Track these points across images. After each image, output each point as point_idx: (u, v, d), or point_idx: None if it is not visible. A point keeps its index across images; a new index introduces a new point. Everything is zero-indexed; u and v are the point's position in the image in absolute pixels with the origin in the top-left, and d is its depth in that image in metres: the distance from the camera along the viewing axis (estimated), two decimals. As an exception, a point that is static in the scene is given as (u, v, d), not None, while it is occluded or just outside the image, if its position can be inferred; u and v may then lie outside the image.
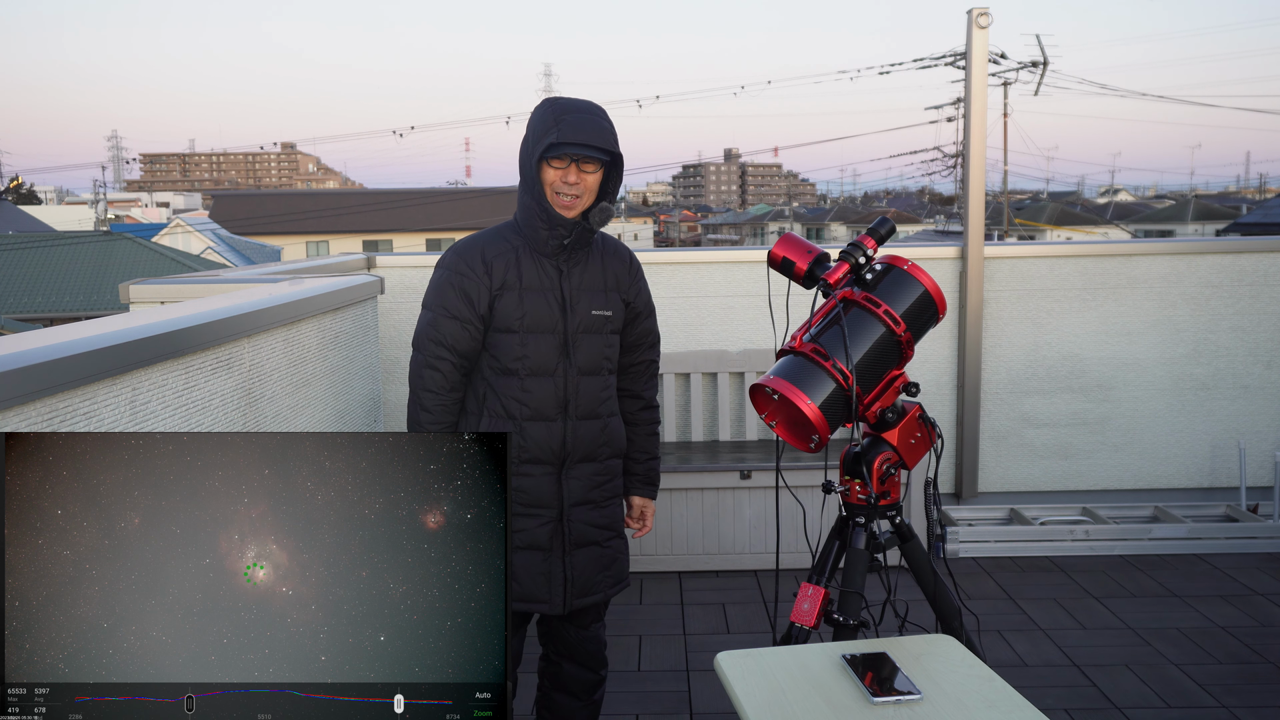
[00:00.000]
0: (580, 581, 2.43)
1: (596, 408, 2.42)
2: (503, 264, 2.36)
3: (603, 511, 2.47)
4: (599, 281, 2.42)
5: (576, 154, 2.27)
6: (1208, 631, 3.55)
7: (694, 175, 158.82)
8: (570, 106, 2.30)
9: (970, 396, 4.70)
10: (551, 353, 2.36)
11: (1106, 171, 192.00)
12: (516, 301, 2.34)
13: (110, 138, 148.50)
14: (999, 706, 1.63)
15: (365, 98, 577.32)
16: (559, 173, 2.29)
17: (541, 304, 2.35)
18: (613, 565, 2.50)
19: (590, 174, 2.31)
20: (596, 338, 2.40)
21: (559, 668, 2.56)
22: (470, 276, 2.35)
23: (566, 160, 2.28)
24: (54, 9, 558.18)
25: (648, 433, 2.60)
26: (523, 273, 2.36)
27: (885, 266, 2.29)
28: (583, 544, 2.43)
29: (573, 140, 2.25)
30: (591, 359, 2.40)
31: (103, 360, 1.81)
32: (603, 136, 2.29)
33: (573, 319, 2.37)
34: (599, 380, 2.42)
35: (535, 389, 2.35)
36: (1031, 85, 72.63)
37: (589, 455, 2.42)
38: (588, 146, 2.27)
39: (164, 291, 3.42)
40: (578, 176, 2.30)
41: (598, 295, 2.41)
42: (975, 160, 4.69)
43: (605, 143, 2.29)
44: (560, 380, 2.37)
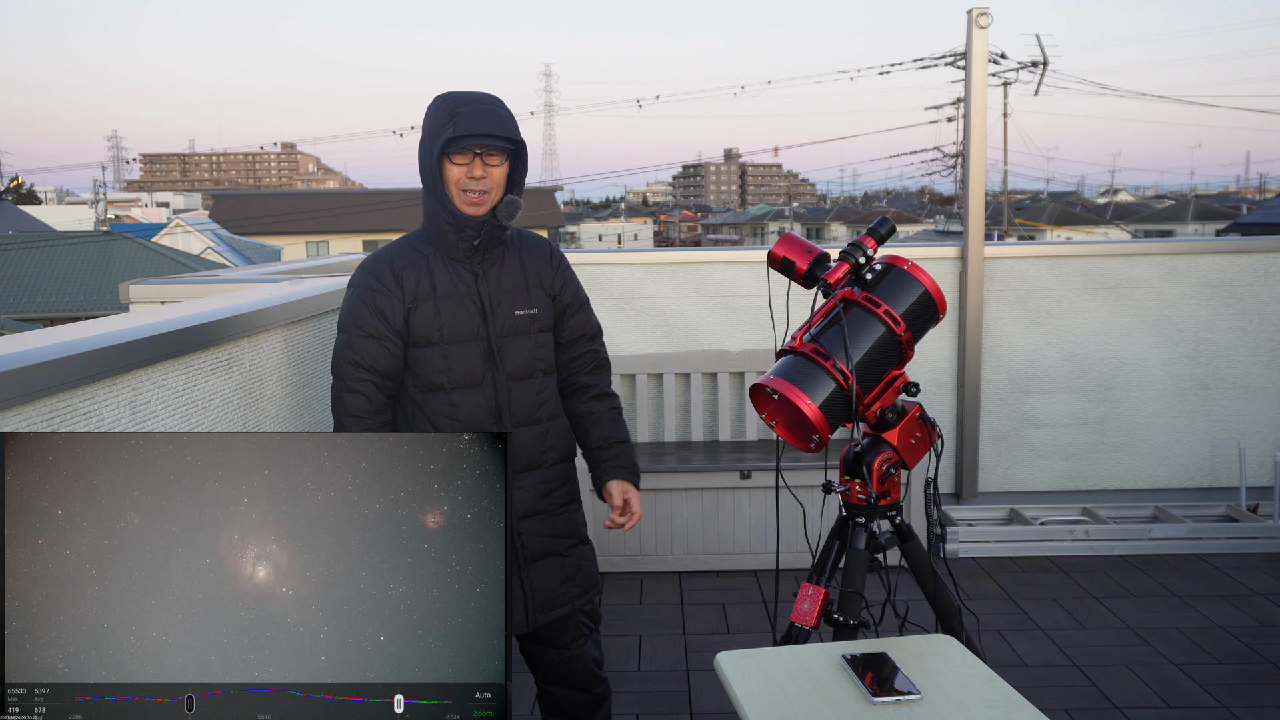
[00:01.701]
0: (542, 596, 2.31)
1: (534, 412, 2.30)
2: (413, 274, 2.23)
3: (557, 520, 2.36)
4: (518, 280, 2.30)
5: (479, 145, 2.15)
6: (1208, 631, 3.55)
7: (694, 175, 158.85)
8: (464, 99, 2.18)
9: (970, 396, 4.70)
10: (477, 361, 2.24)
11: (1106, 171, 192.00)
12: (433, 312, 2.22)
13: (110, 138, 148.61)
14: (999, 706, 1.63)
15: (365, 98, 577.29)
16: (463, 169, 2.17)
17: (460, 311, 2.23)
18: (577, 574, 2.39)
19: (496, 166, 2.19)
20: (524, 339, 2.29)
21: (548, 694, 2.47)
22: (381, 291, 2.22)
23: (469, 154, 2.16)
24: (55, 9, 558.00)
25: (609, 419, 2.44)
26: (436, 281, 2.24)
27: (885, 266, 2.29)
28: (540, 556, 2.32)
29: (472, 132, 2.13)
30: (521, 363, 2.28)
31: (103, 360, 1.81)
32: (503, 124, 2.16)
33: (495, 323, 2.25)
34: (533, 384, 2.30)
35: (464, 401, 2.24)
36: (1031, 85, 72.66)
37: (533, 463, 2.31)
38: (489, 136, 2.14)
39: (164, 291, 3.42)
40: (483, 170, 2.17)
41: (519, 295, 2.29)
42: (975, 160, 4.69)
43: (506, 130, 2.16)
44: (490, 389, 2.25)
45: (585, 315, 2.44)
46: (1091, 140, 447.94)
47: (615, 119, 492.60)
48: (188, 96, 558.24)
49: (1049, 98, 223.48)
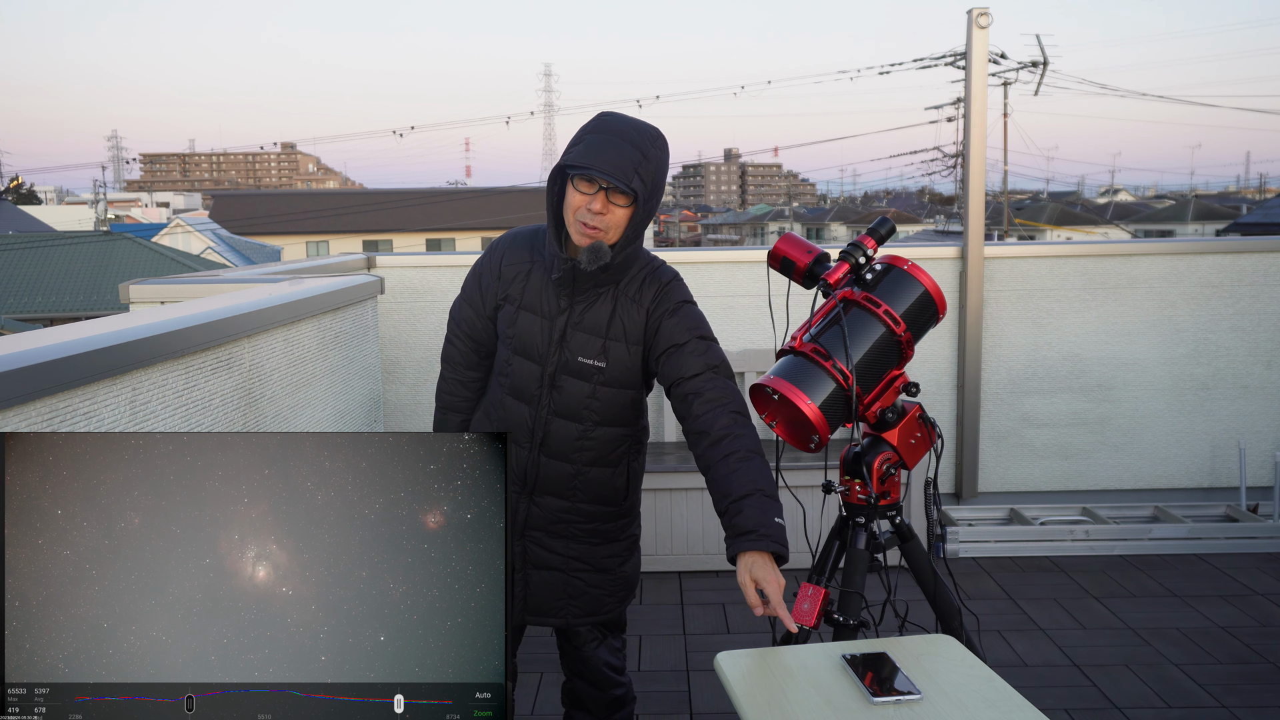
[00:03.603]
0: (534, 601, 2.30)
1: (569, 454, 2.20)
2: (513, 273, 2.21)
3: (570, 543, 2.27)
4: (601, 326, 2.14)
5: (604, 181, 1.98)
6: (1208, 631, 3.55)
7: (694, 175, 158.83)
8: (602, 125, 2.02)
9: (970, 396, 4.70)
10: (531, 381, 2.18)
11: (1106, 171, 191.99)
12: (512, 317, 2.20)
13: (110, 138, 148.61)
14: (999, 706, 1.63)
15: (365, 98, 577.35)
16: (584, 198, 2.01)
17: (535, 329, 2.17)
18: (581, 597, 2.30)
19: (621, 207, 2.01)
20: (581, 384, 2.15)
21: (572, 684, 2.50)
22: (488, 273, 2.26)
23: (595, 185, 1.99)
24: (54, 9, 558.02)
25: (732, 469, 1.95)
26: (528, 290, 2.18)
27: (885, 266, 2.29)
28: (541, 566, 2.28)
29: (584, 164, 1.97)
30: (571, 404, 2.16)
31: (103, 360, 1.81)
32: (620, 168, 1.95)
33: (558, 356, 2.15)
34: (576, 427, 2.18)
35: (511, 409, 2.23)
36: (1031, 85, 72.62)
37: (556, 492, 2.23)
38: (602, 173, 1.95)
39: (164, 291, 3.42)
40: (604, 206, 2.00)
41: (593, 342, 2.14)
42: (975, 160, 4.69)
43: (620, 174, 1.95)
44: (534, 410, 2.19)
45: (680, 359, 2.09)
46: (1091, 140, 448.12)
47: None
48: (188, 96, 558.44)
49: (1049, 98, 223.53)
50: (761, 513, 1.89)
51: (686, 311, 2.14)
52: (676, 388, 2.08)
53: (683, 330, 2.11)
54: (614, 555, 2.34)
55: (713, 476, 1.99)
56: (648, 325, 2.13)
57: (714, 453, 1.99)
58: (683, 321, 2.12)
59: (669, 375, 2.10)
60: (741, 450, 1.97)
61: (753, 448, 1.99)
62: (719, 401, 2.03)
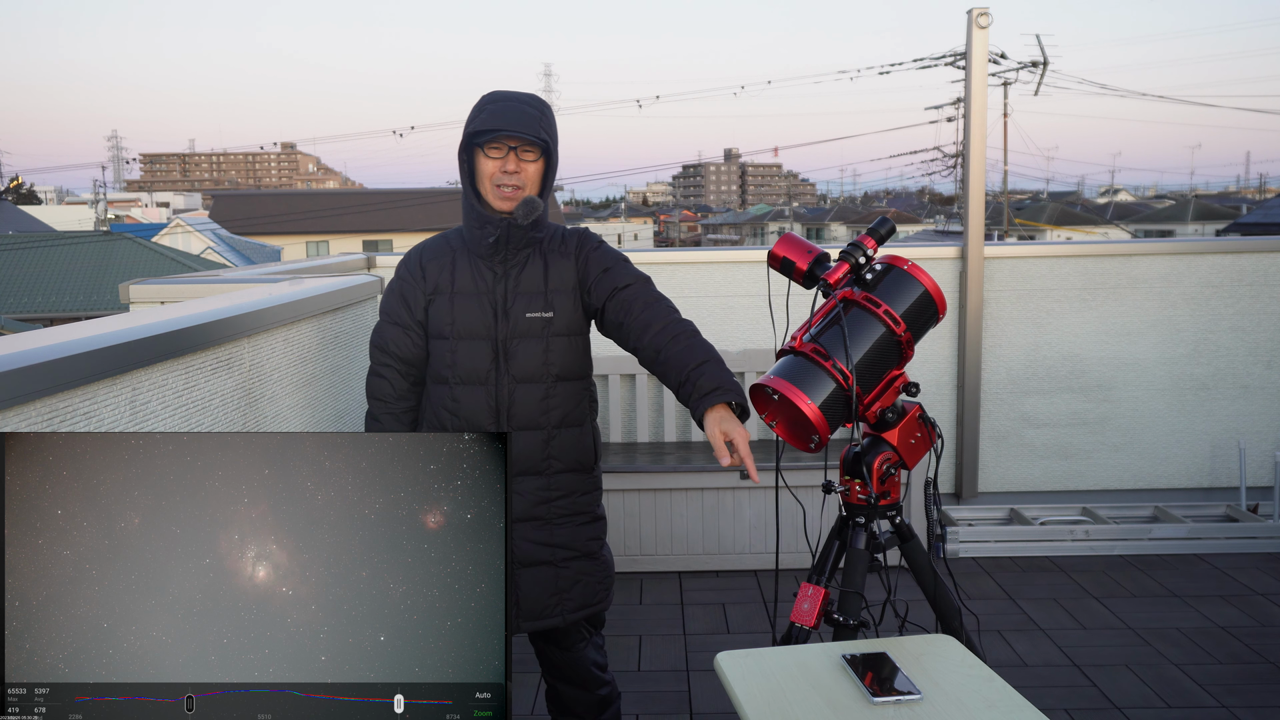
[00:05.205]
0: (527, 604, 2.30)
1: (537, 418, 2.28)
2: (437, 267, 2.31)
3: (553, 530, 2.32)
4: (538, 283, 2.28)
5: (513, 139, 2.18)
6: (1208, 631, 3.55)
7: (694, 175, 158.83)
8: (500, 95, 2.23)
9: (970, 396, 4.70)
10: (483, 360, 2.26)
11: (1106, 171, 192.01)
12: (447, 306, 2.28)
13: (110, 138, 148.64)
14: (999, 706, 1.63)
15: (365, 98, 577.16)
16: (496, 163, 2.20)
17: (474, 309, 2.26)
18: (572, 588, 2.34)
19: (530, 163, 2.21)
20: (534, 342, 2.27)
21: (555, 690, 2.49)
22: (408, 281, 2.33)
23: (503, 149, 2.19)
24: (54, 9, 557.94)
25: (680, 348, 2.14)
26: (456, 276, 2.29)
27: (885, 266, 2.29)
28: (529, 563, 2.30)
29: (496, 126, 2.16)
30: (528, 366, 2.27)
31: (103, 360, 1.81)
32: (529, 121, 2.17)
33: (506, 324, 2.26)
34: (538, 388, 2.27)
35: (465, 398, 2.27)
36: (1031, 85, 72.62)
37: (532, 469, 2.29)
38: (513, 131, 2.16)
39: (164, 291, 3.42)
40: (516, 164, 2.20)
41: (535, 298, 2.27)
42: (975, 160, 4.69)
43: (530, 127, 2.16)
44: (492, 389, 2.26)
45: (612, 277, 2.27)
46: (1091, 140, 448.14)
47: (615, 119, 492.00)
48: (188, 96, 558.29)
49: (1049, 98, 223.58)
50: (721, 373, 2.09)
51: (606, 247, 2.36)
52: (613, 297, 2.25)
53: (608, 258, 2.32)
54: (595, 538, 2.42)
55: (664, 357, 2.14)
56: (578, 265, 2.31)
57: (661, 337, 2.17)
58: (606, 253, 2.34)
59: (604, 290, 2.27)
60: (688, 332, 2.19)
61: (696, 333, 2.20)
62: (655, 299, 2.25)
